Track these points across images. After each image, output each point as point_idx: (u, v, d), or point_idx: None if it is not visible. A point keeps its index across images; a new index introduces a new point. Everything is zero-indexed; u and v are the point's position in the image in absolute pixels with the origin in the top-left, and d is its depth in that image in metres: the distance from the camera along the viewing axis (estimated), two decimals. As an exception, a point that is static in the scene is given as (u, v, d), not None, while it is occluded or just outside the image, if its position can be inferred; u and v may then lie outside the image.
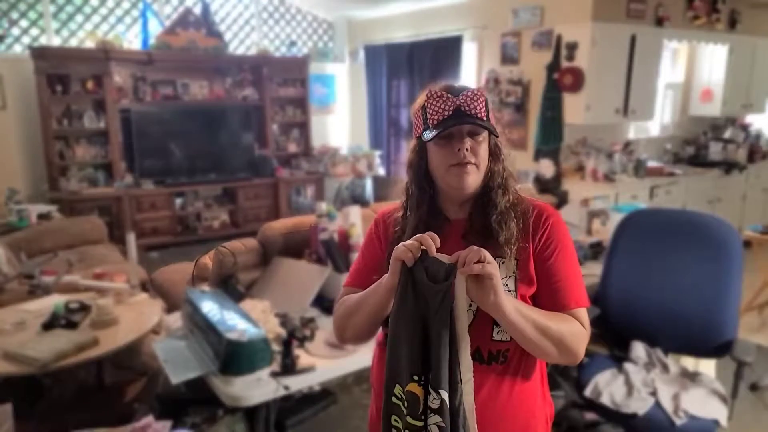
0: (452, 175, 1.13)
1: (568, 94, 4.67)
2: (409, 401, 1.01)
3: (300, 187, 6.61)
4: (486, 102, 1.12)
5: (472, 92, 1.11)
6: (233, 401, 1.83)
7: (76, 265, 3.62)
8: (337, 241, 2.54)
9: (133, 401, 2.73)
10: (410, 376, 1.01)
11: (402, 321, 1.02)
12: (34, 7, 5.43)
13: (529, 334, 1.05)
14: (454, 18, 5.75)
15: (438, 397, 0.98)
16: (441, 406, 0.97)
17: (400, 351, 1.02)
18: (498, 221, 1.14)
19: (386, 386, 1.03)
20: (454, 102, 1.10)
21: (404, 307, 1.02)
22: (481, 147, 1.14)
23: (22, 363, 2.16)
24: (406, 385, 1.01)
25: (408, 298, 1.02)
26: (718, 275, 2.26)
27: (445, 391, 0.98)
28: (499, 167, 1.18)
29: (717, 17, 5.28)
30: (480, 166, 1.14)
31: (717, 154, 5.88)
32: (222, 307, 2.07)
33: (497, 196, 1.16)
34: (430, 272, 1.00)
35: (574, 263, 1.17)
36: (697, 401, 2.07)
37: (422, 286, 1.01)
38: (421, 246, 1.01)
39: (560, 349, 1.08)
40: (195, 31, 5.86)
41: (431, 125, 1.12)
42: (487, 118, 1.12)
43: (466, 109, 1.10)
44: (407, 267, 1.02)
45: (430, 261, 1.01)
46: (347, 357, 2.03)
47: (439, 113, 1.11)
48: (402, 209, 1.23)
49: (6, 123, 5.27)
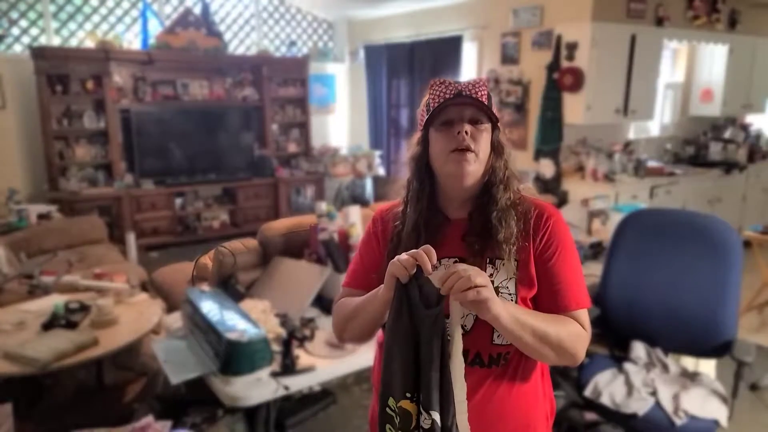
0: (451, 162, 1.12)
1: (568, 94, 4.67)
2: (402, 416, 0.99)
3: (300, 187, 6.61)
4: (489, 94, 1.12)
5: (475, 80, 1.12)
6: (233, 401, 1.83)
7: (76, 265, 3.62)
8: (337, 241, 2.54)
9: (133, 401, 2.73)
10: (403, 393, 0.99)
11: (395, 338, 1.00)
12: (34, 6, 5.42)
13: (528, 341, 1.04)
14: (454, 18, 5.75)
15: (429, 418, 0.96)
16: (432, 426, 0.96)
17: (393, 367, 1.00)
18: (498, 218, 1.12)
19: (380, 395, 1.02)
20: (455, 86, 1.11)
21: (398, 324, 1.00)
22: (482, 136, 1.12)
23: (22, 363, 2.16)
24: (399, 400, 0.99)
25: (402, 314, 1.00)
26: (717, 275, 2.26)
27: (436, 412, 0.96)
28: (501, 163, 1.17)
29: (717, 17, 5.28)
30: (480, 155, 1.12)
31: (717, 154, 5.88)
32: (222, 307, 2.07)
33: (498, 192, 1.14)
34: (423, 292, 0.98)
35: (575, 264, 1.16)
36: (697, 401, 2.07)
37: (414, 308, 0.99)
38: (416, 262, 0.98)
39: (559, 352, 1.08)
40: (195, 31, 5.85)
41: (432, 107, 1.12)
42: (489, 107, 1.12)
43: (467, 93, 1.11)
44: (402, 283, 1.00)
45: (424, 280, 0.99)
46: (347, 357, 2.03)
47: (440, 96, 1.12)
48: (403, 204, 1.22)
49: (6, 123, 5.27)
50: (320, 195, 6.60)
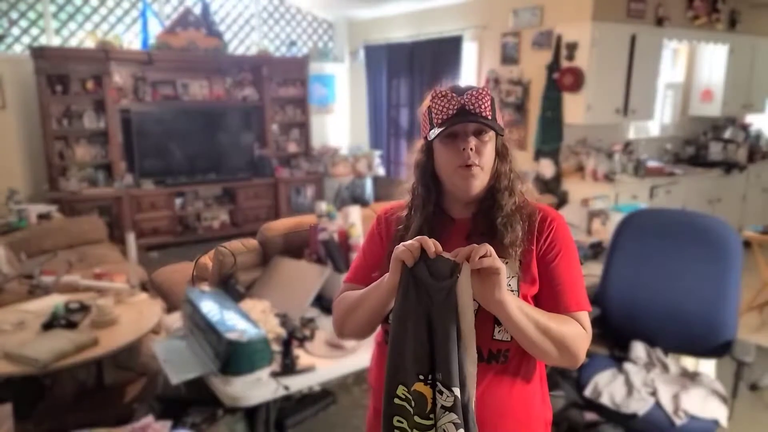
0: (459, 177, 1.12)
1: (568, 94, 4.67)
2: (417, 401, 1.00)
3: (300, 187, 6.61)
4: (492, 101, 1.10)
5: (477, 91, 1.09)
6: (233, 401, 1.83)
7: (76, 265, 3.62)
8: (336, 241, 2.54)
9: (133, 401, 2.73)
10: (416, 375, 1.00)
11: (405, 320, 1.01)
12: (34, 7, 5.43)
13: (531, 334, 1.05)
14: (455, 18, 5.75)
15: (451, 395, 0.97)
16: (455, 402, 0.97)
17: (404, 350, 1.01)
18: (504, 223, 1.13)
19: (387, 388, 1.02)
20: (458, 101, 1.09)
21: (407, 306, 1.01)
22: (486, 147, 1.13)
23: (22, 363, 2.16)
24: (412, 385, 1.00)
25: (410, 297, 1.01)
26: (717, 275, 2.26)
27: (457, 387, 0.97)
28: (506, 168, 1.17)
29: (717, 17, 5.28)
30: (485, 167, 1.13)
31: (717, 154, 5.88)
32: (222, 307, 2.07)
33: (503, 198, 1.15)
34: (432, 270, 1.00)
35: (576, 267, 1.17)
36: (697, 401, 2.07)
37: (425, 285, 1.00)
38: (420, 247, 1.01)
39: (561, 350, 1.08)
40: (195, 31, 5.86)
41: (436, 124, 1.11)
42: (493, 118, 1.11)
43: (470, 108, 1.09)
44: (408, 267, 1.01)
45: (432, 260, 1.00)
46: (347, 357, 2.03)
47: (443, 112, 1.10)
48: (407, 209, 1.22)
49: (6, 123, 5.27)
50: (320, 195, 6.60)
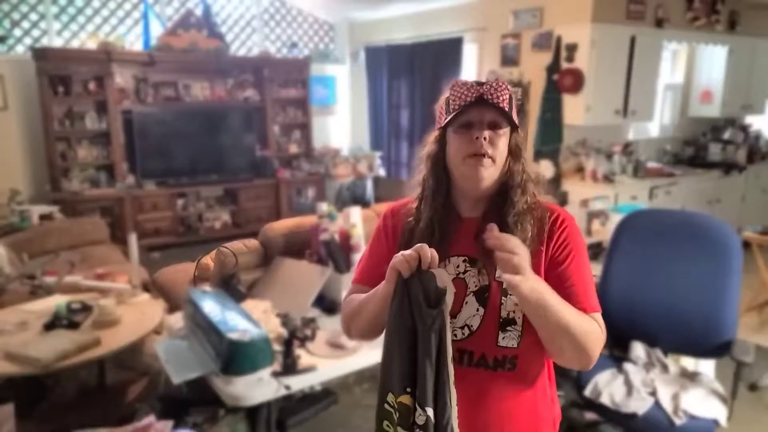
0: (468, 166, 1.10)
1: (567, 95, 4.68)
2: (401, 412, 0.99)
3: (301, 188, 6.63)
4: (511, 97, 1.10)
5: (497, 82, 1.09)
6: (234, 401, 1.84)
7: (78, 265, 3.62)
8: (338, 242, 2.54)
9: (135, 401, 2.74)
10: (403, 387, 0.99)
11: (395, 333, 1.01)
12: (36, 8, 5.44)
13: (550, 320, 1.03)
14: (455, 19, 5.77)
15: (423, 414, 0.96)
16: (426, 423, 0.96)
17: (392, 362, 1.01)
18: (515, 221, 1.11)
19: (380, 391, 1.02)
20: (477, 89, 1.08)
21: (399, 319, 1.00)
22: (500, 140, 1.11)
23: (24, 363, 2.17)
24: (399, 395, 0.99)
25: (404, 310, 1.00)
26: (717, 276, 2.27)
27: (430, 408, 0.96)
28: (519, 167, 1.15)
29: (716, 18, 5.29)
30: (497, 160, 1.11)
31: (716, 155, 5.89)
32: (223, 308, 2.08)
33: (515, 195, 1.13)
34: (425, 289, 0.99)
35: (588, 268, 1.16)
36: (696, 401, 2.08)
37: (416, 303, 0.99)
38: (418, 257, 0.99)
39: (576, 346, 1.06)
40: (196, 32, 5.87)
41: (452, 110, 1.10)
42: (510, 112, 1.10)
43: (488, 98, 1.08)
44: (404, 278, 1.00)
45: (427, 277, 0.99)
46: (348, 357, 2.04)
47: (461, 99, 1.09)
48: (417, 201, 1.21)
49: (8, 124, 5.28)
50: (321, 196, 6.60)
